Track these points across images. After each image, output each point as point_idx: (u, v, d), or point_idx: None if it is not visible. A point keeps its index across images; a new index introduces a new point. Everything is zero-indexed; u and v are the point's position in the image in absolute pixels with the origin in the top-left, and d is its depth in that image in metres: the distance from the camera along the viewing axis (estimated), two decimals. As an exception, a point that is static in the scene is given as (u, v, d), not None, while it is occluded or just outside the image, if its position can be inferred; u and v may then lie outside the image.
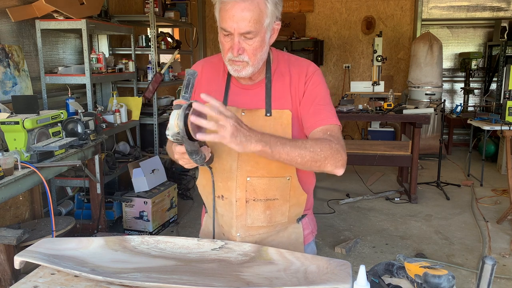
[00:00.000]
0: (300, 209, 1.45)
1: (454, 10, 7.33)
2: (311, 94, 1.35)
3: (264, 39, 1.27)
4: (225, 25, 1.23)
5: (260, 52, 1.28)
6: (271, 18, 1.26)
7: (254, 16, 1.21)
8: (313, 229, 1.54)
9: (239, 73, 1.29)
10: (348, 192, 4.95)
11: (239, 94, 1.38)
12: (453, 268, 3.21)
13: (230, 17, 1.21)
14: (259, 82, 1.37)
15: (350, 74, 7.70)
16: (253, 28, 1.22)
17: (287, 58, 1.41)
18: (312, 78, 1.36)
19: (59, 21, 3.58)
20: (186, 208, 4.44)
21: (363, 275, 1.03)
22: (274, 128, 1.33)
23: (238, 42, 1.24)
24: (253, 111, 1.35)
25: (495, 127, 4.70)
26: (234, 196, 1.38)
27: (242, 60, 1.26)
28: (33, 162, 2.50)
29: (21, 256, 1.18)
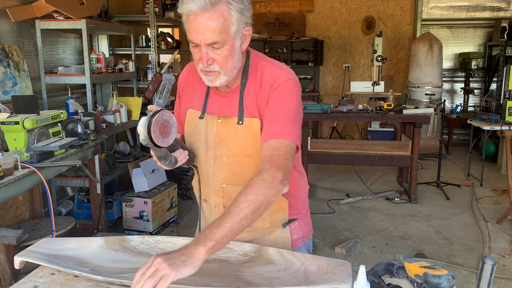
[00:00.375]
0: (284, 214, 1.43)
1: (454, 10, 7.33)
2: (271, 105, 1.29)
3: (234, 47, 1.24)
4: (191, 37, 1.21)
5: (231, 61, 1.25)
6: (238, 25, 1.22)
7: (219, 26, 1.18)
8: (305, 234, 1.50)
9: (213, 82, 1.28)
10: (348, 192, 4.95)
11: (216, 101, 1.37)
12: (453, 268, 3.21)
13: (195, 28, 1.19)
14: (234, 89, 1.35)
15: (350, 74, 7.70)
16: (219, 38, 1.19)
17: (263, 65, 1.35)
18: (277, 88, 1.29)
19: (59, 21, 3.58)
20: (186, 208, 4.44)
21: (363, 275, 1.03)
22: (245, 136, 1.32)
23: (206, 52, 1.21)
24: (228, 119, 1.34)
25: (495, 127, 4.70)
26: (212, 202, 1.40)
27: (213, 70, 1.24)
28: (33, 162, 2.50)
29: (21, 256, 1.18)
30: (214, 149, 1.36)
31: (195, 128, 1.39)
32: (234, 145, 1.33)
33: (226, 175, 1.36)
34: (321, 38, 7.62)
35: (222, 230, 1.08)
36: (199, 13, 1.17)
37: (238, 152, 1.33)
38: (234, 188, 1.35)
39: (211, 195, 1.40)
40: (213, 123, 1.35)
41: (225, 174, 1.36)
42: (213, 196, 1.39)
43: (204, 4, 1.15)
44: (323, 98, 7.79)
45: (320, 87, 7.87)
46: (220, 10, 1.17)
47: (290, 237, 1.45)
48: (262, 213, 1.16)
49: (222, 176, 1.36)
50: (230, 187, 1.36)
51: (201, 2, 1.15)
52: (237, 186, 1.34)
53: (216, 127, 1.34)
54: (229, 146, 1.34)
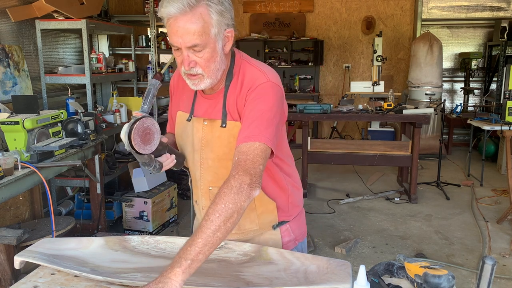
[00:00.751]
0: (273, 216, 1.42)
1: (454, 10, 7.33)
2: (248, 107, 1.26)
3: (216, 49, 1.22)
4: (172, 40, 1.20)
5: (213, 63, 1.23)
6: (219, 27, 1.20)
7: (198, 28, 1.17)
8: (297, 237, 1.49)
9: (197, 86, 1.27)
10: (348, 192, 4.95)
11: (202, 104, 1.37)
12: (453, 268, 3.21)
13: (174, 32, 1.18)
14: (219, 92, 1.34)
15: (350, 74, 7.70)
16: (199, 40, 1.18)
17: (245, 67, 1.33)
18: (254, 91, 1.26)
19: (59, 21, 3.58)
20: (186, 208, 4.44)
21: (363, 275, 1.03)
22: (228, 140, 1.31)
23: (188, 55, 1.21)
24: (212, 121, 1.33)
25: (495, 127, 4.70)
26: (201, 203, 1.42)
27: (196, 73, 1.24)
28: (33, 162, 2.50)
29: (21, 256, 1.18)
30: (200, 152, 1.36)
31: (183, 131, 1.40)
32: (218, 148, 1.33)
33: (212, 178, 1.36)
34: (321, 38, 7.62)
35: (196, 247, 1.03)
36: (178, 16, 1.16)
37: (222, 155, 1.33)
38: None
39: (199, 197, 1.42)
40: (199, 125, 1.35)
41: (211, 176, 1.36)
42: (201, 198, 1.41)
43: (182, 7, 1.14)
44: (323, 98, 7.79)
45: (320, 87, 7.87)
46: (199, 12, 1.16)
47: (280, 239, 1.44)
48: (236, 221, 1.11)
49: (208, 178, 1.37)
50: (216, 189, 1.33)
51: (179, 5, 1.14)
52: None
53: (202, 129, 1.34)
54: (213, 149, 1.33)
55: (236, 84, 1.31)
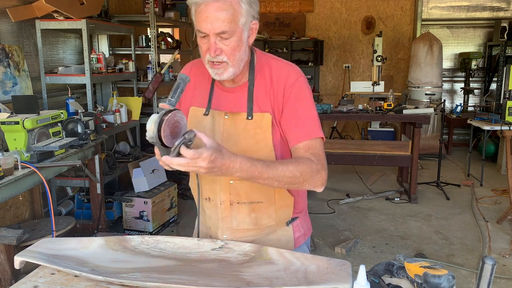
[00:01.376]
0: (289, 212, 1.44)
1: (454, 10, 7.33)
2: (292, 105, 1.32)
3: (241, 39, 1.25)
4: (200, 27, 1.22)
5: (238, 52, 1.26)
6: (247, 17, 1.24)
7: (228, 16, 1.19)
8: (306, 231, 1.52)
9: (220, 76, 1.28)
10: (348, 192, 4.95)
11: (222, 97, 1.38)
12: (453, 268, 3.21)
13: (204, 18, 1.20)
14: (241, 85, 1.36)
15: (350, 74, 7.70)
16: (228, 27, 1.20)
17: (269, 61, 1.37)
18: (293, 88, 1.32)
19: (59, 21, 3.58)
20: (186, 208, 4.44)
21: (363, 275, 1.03)
22: (254, 131, 1.32)
23: (215, 42, 1.22)
24: (235, 114, 1.34)
25: (495, 127, 4.70)
26: (218, 199, 1.39)
27: (221, 60, 1.25)
28: (33, 162, 2.50)
29: (21, 256, 1.18)
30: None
31: (198, 125, 1.39)
32: (243, 140, 1.34)
33: None
34: (321, 38, 7.62)
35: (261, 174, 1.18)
36: (209, 2, 1.18)
37: (247, 147, 1.33)
38: (242, 184, 1.36)
39: (217, 192, 1.39)
40: (219, 119, 1.35)
41: None
42: (219, 193, 1.39)
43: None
44: (323, 98, 7.79)
45: (320, 87, 7.87)
46: (231, 0, 1.20)
47: (292, 235, 1.46)
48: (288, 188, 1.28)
49: None
50: (238, 182, 1.36)
51: None
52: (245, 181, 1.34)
53: (223, 123, 1.35)
54: (237, 142, 1.34)
55: (264, 78, 1.34)
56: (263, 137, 1.32)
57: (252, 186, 1.35)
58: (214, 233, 1.45)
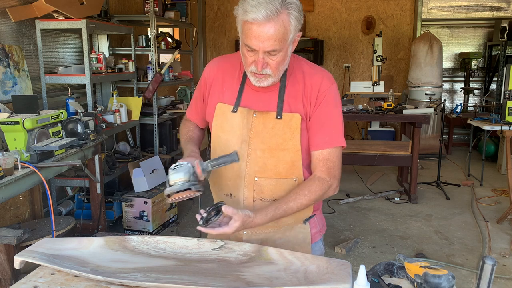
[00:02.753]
0: (309, 211, 1.46)
1: (454, 10, 7.33)
2: (322, 112, 1.36)
3: (287, 53, 1.29)
4: (250, 43, 1.23)
5: (282, 65, 1.30)
6: (294, 32, 1.26)
7: (279, 35, 1.21)
8: (321, 228, 1.56)
9: (261, 83, 1.31)
10: (348, 192, 4.95)
11: (252, 96, 1.39)
12: (453, 268, 3.21)
13: (256, 36, 1.21)
14: (273, 86, 1.38)
15: (350, 74, 7.70)
16: (278, 46, 1.23)
17: (302, 65, 1.41)
18: (325, 96, 1.36)
19: (59, 21, 3.57)
20: (186, 208, 4.44)
21: (363, 275, 1.03)
22: (283, 131, 1.35)
23: (263, 58, 1.25)
24: (264, 113, 1.36)
25: (495, 127, 4.70)
26: (241, 195, 1.40)
27: (265, 73, 1.28)
28: (33, 162, 2.50)
29: (21, 256, 1.18)
30: (248, 143, 1.37)
31: (225, 122, 1.40)
32: (270, 139, 1.36)
33: (260, 168, 1.38)
34: (321, 38, 7.62)
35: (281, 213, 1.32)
36: (262, 22, 1.19)
37: (274, 146, 1.36)
38: (267, 181, 1.38)
39: (240, 189, 1.40)
40: (248, 116, 1.37)
41: (259, 167, 1.38)
42: (243, 190, 1.40)
43: (270, 14, 1.18)
44: (323, 98, 7.78)
45: (320, 87, 7.86)
46: (282, 19, 1.20)
47: (309, 232, 1.48)
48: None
49: (255, 169, 1.38)
50: (263, 180, 1.38)
51: (267, 12, 1.17)
52: (270, 179, 1.38)
53: (252, 121, 1.37)
54: (264, 140, 1.36)
55: (297, 80, 1.38)
56: (290, 136, 1.35)
57: (276, 183, 1.38)
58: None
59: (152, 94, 4.58)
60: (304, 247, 1.46)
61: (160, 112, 4.88)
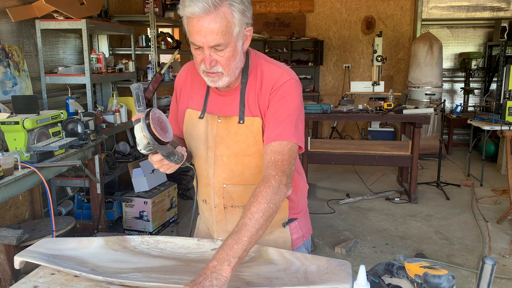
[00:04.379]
0: (284, 214, 1.43)
1: (454, 10, 7.33)
2: (274, 106, 1.29)
3: (236, 48, 1.23)
4: (194, 40, 1.20)
5: (233, 62, 1.24)
6: (240, 26, 1.21)
7: (222, 28, 1.17)
8: (305, 234, 1.50)
9: (215, 83, 1.27)
10: (348, 192, 4.95)
11: (216, 101, 1.37)
12: (453, 268, 3.21)
13: (197, 31, 1.18)
14: (235, 89, 1.35)
15: (350, 74, 7.70)
16: (222, 40, 1.18)
17: (262, 64, 1.35)
18: (279, 89, 1.29)
19: (59, 21, 3.57)
20: (186, 208, 4.44)
21: (363, 275, 1.03)
22: (246, 136, 1.32)
23: (209, 55, 1.21)
24: (228, 118, 1.33)
25: (495, 127, 4.70)
26: (213, 202, 1.40)
27: (216, 71, 1.24)
28: (33, 162, 2.50)
29: (21, 256, 1.18)
30: (214, 149, 1.35)
31: (194, 128, 1.39)
32: (234, 144, 1.33)
33: (227, 175, 1.35)
34: (321, 38, 7.62)
35: (242, 245, 1.08)
36: (201, 15, 1.15)
37: (238, 152, 1.33)
38: (235, 188, 1.36)
39: (211, 195, 1.39)
40: (213, 122, 1.35)
41: (226, 173, 1.35)
42: (213, 196, 1.39)
43: (207, 7, 1.14)
44: (323, 98, 7.79)
45: (320, 87, 7.87)
46: (223, 12, 1.16)
47: (290, 236, 1.45)
48: (272, 220, 1.18)
49: (223, 176, 1.36)
50: (231, 187, 1.36)
51: (204, 5, 1.14)
52: (238, 185, 1.35)
53: (217, 126, 1.34)
54: (229, 145, 1.33)
55: (255, 81, 1.33)
56: (254, 141, 1.31)
57: (245, 190, 1.36)
58: (211, 235, 1.48)
59: (152, 94, 4.58)
60: None
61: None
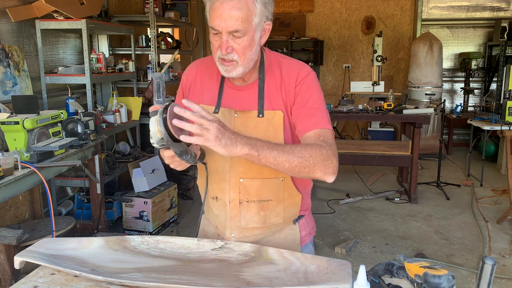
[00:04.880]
0: (296, 210, 1.45)
1: (454, 10, 7.33)
2: (303, 97, 1.33)
3: (254, 39, 1.26)
4: (213, 24, 1.22)
5: (249, 52, 1.27)
6: (261, 17, 1.25)
7: (242, 15, 1.20)
8: (311, 230, 1.53)
9: (229, 73, 1.28)
10: (348, 192, 4.95)
11: (232, 96, 1.38)
12: (453, 268, 3.21)
13: (218, 15, 1.21)
14: (251, 83, 1.37)
15: (350, 74, 7.70)
16: (241, 26, 1.21)
17: (279, 60, 1.39)
18: (304, 81, 1.34)
19: (59, 21, 3.58)
20: (186, 208, 4.44)
21: (363, 275, 1.03)
22: (266, 129, 1.33)
23: (227, 40, 1.23)
24: (246, 112, 1.34)
25: (495, 127, 4.70)
26: (227, 197, 1.39)
27: (232, 59, 1.25)
28: (33, 162, 2.50)
29: (21, 256, 1.18)
30: None
31: None
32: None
33: (244, 169, 1.35)
34: (321, 38, 7.62)
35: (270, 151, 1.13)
36: (225, 0, 1.19)
37: None
38: (252, 182, 1.36)
39: (226, 191, 1.38)
40: (230, 117, 1.35)
41: (243, 168, 1.35)
42: (229, 192, 1.38)
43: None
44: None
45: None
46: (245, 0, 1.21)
47: (299, 233, 1.47)
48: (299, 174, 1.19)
49: (240, 170, 1.36)
50: (248, 181, 1.36)
51: None
52: (255, 179, 1.36)
53: (234, 121, 1.35)
54: None
55: (274, 76, 1.36)
56: (274, 134, 1.32)
57: (262, 184, 1.36)
58: (222, 232, 1.45)
59: (152, 94, 4.58)
60: (294, 249, 1.43)
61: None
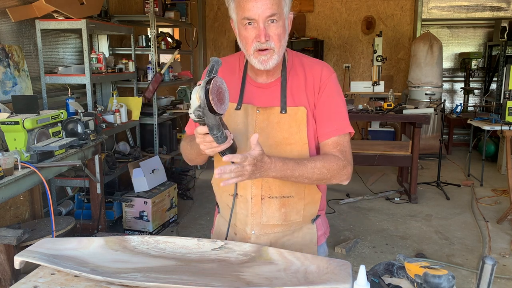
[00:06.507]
0: (315, 208, 1.47)
1: (454, 10, 7.33)
2: (326, 101, 1.37)
3: (285, 26, 1.31)
4: (249, 14, 1.25)
5: (283, 39, 1.30)
6: (288, 6, 1.31)
7: (276, 0, 1.26)
8: (326, 230, 1.57)
9: (266, 64, 1.30)
10: (348, 192, 4.95)
11: (254, 93, 1.40)
12: (453, 268, 3.21)
13: (253, 4, 1.24)
14: (274, 81, 1.39)
15: (350, 74, 7.70)
16: (276, 10, 1.26)
17: (301, 59, 1.43)
18: (327, 84, 1.38)
19: (59, 21, 3.58)
20: (186, 208, 4.44)
21: (363, 275, 1.03)
22: (289, 125, 1.35)
23: (264, 28, 1.26)
24: (268, 109, 1.37)
25: (495, 127, 4.70)
26: (249, 193, 1.39)
27: (269, 46, 1.28)
28: (33, 162, 2.50)
29: (21, 256, 1.18)
30: None
31: (230, 120, 1.39)
32: (276, 134, 1.36)
33: None
34: (321, 38, 7.62)
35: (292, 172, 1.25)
36: None
37: (280, 141, 1.36)
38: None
39: (248, 187, 1.39)
40: (252, 113, 1.37)
41: None
42: (251, 188, 1.39)
43: None
44: (323, 98, 7.78)
45: (320, 87, 7.86)
46: None
47: (316, 233, 1.49)
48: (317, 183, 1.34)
49: None
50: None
51: None
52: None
53: (256, 117, 1.37)
54: (270, 135, 1.36)
55: (298, 73, 1.40)
56: (297, 130, 1.35)
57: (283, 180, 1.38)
58: (241, 229, 1.44)
59: (152, 94, 4.58)
60: (311, 248, 1.46)
61: (160, 112, 4.89)
